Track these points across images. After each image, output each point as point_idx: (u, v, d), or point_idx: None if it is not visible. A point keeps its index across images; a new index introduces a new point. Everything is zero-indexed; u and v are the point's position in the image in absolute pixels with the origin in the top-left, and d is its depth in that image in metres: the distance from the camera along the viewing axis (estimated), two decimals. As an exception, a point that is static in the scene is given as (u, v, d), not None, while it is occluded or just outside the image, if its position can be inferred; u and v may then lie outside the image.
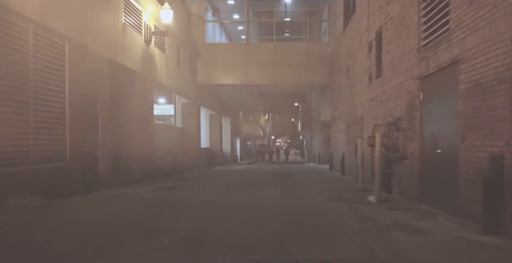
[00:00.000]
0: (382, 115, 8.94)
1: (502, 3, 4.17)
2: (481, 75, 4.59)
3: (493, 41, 4.33)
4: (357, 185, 9.75)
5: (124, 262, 3.25)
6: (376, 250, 3.69)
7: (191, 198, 7.60)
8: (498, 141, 4.24)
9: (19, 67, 6.25)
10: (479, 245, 3.90)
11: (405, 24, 7.37)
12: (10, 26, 6.04)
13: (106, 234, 4.28)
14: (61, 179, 7.21)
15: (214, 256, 3.42)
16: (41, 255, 3.40)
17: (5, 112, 5.95)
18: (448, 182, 5.49)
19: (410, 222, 5.07)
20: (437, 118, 6.08)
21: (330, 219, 5.41)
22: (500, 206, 4.16)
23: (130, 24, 10.54)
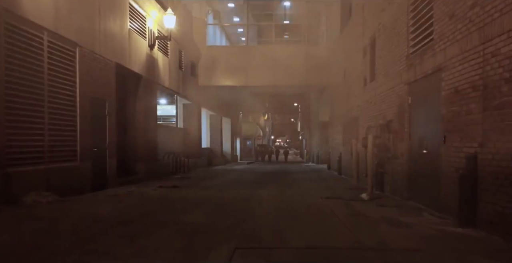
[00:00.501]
0: (376, 117, 9.42)
1: (476, 19, 4.65)
2: (459, 83, 5.06)
3: (468, 53, 4.80)
4: (353, 184, 10.24)
5: (143, 248, 3.71)
6: (361, 239, 4.16)
7: (195, 195, 8.06)
8: (473, 143, 4.71)
9: (36, 73, 6.72)
10: (454, 235, 4.37)
11: (396, 32, 7.84)
12: (27, 36, 6.51)
13: (121, 226, 4.75)
14: (73, 178, 7.69)
15: (219, 242, 3.88)
16: (67, 242, 3.86)
17: (24, 115, 6.41)
18: (433, 180, 5.97)
19: (397, 217, 5.54)
20: (424, 121, 6.55)
21: (323, 214, 5.87)
22: (474, 201, 4.64)
23: (135, 29, 11.01)
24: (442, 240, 4.16)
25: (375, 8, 9.63)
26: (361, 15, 11.16)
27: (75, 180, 7.76)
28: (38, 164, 6.77)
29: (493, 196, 4.30)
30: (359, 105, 11.39)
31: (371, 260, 3.41)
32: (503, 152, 4.10)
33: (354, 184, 10.14)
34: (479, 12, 4.57)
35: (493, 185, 4.30)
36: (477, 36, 4.63)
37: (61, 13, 7.36)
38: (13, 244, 3.83)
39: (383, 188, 8.70)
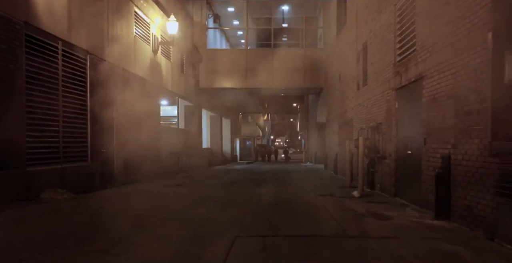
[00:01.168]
0: (368, 120, 9.99)
1: (450, 34, 5.22)
2: (436, 91, 5.64)
3: (444, 64, 5.38)
4: (347, 183, 10.80)
5: (156, 236, 4.28)
6: (346, 229, 4.74)
7: (197, 193, 8.63)
8: (447, 144, 5.30)
9: (52, 80, 7.29)
10: (429, 227, 4.95)
11: (385, 41, 8.42)
12: (44, 45, 7.08)
13: (134, 219, 5.33)
14: (84, 177, 8.26)
15: (222, 232, 4.46)
16: (89, 232, 4.43)
17: (41, 119, 6.99)
18: (416, 179, 6.55)
19: (382, 212, 6.12)
20: (408, 124, 7.13)
21: (316, 209, 6.44)
22: (448, 197, 5.22)
23: (139, 35, 11.58)
24: (417, 230, 4.74)
25: (367, 16, 10.21)
26: (355, 22, 11.73)
27: (86, 178, 8.34)
28: (54, 163, 7.35)
29: (462, 191, 4.89)
30: (353, 108, 11.96)
31: (349, 245, 3.98)
32: (470, 153, 4.68)
33: (348, 182, 10.70)
34: (452, 29, 5.15)
35: (463, 182, 4.88)
36: (450, 50, 5.21)
37: (73, 24, 7.93)
38: (44, 233, 4.41)
39: (374, 186, 9.27)
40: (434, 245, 3.96)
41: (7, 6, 6.08)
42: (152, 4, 12.20)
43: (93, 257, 3.50)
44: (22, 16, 6.42)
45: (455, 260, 3.48)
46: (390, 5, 7.98)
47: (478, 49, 4.50)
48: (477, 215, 4.53)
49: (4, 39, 6.00)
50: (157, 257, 3.51)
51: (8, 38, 6.10)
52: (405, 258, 3.51)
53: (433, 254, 3.66)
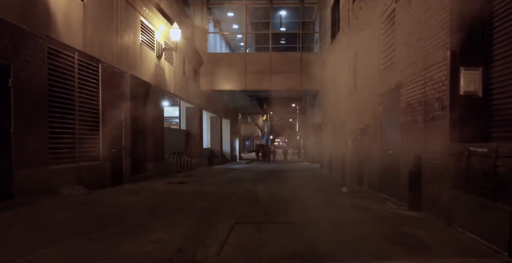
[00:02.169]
0: (357, 122, 10.79)
1: (421, 50, 6.02)
2: (410, 98, 6.45)
3: (416, 75, 6.18)
4: (338, 180, 11.61)
5: (167, 223, 5.08)
6: (329, 218, 5.55)
7: (200, 189, 9.42)
8: (418, 145, 6.10)
9: (69, 87, 8.10)
10: (401, 216, 5.76)
11: (371, 51, 9.22)
12: (64, 56, 7.88)
13: (146, 210, 6.12)
14: (97, 174, 9.07)
15: (223, 220, 5.25)
16: (110, 220, 5.22)
17: (61, 122, 7.79)
18: (396, 176, 7.34)
19: (364, 205, 6.92)
20: (390, 126, 7.93)
21: (306, 203, 7.23)
22: (419, 191, 6.02)
23: (145, 43, 12.38)
24: (389, 218, 5.55)
25: (356, 26, 11.01)
26: (346, 31, 12.54)
27: (98, 176, 9.14)
28: (71, 162, 8.15)
29: (430, 186, 5.69)
30: (345, 111, 12.76)
31: (329, 229, 4.78)
32: (435, 152, 5.48)
33: (340, 180, 11.50)
34: (423, 45, 5.95)
35: (430, 178, 5.68)
36: (421, 63, 6.01)
37: (88, 35, 8.73)
38: (73, 220, 5.20)
39: (363, 184, 10.07)
40: (399, 229, 4.76)
41: (32, 23, 6.88)
42: (156, 13, 13.00)
43: (119, 237, 4.29)
44: (45, 31, 7.22)
45: (411, 238, 4.28)
46: (375, 18, 8.78)
47: (441, 64, 5.30)
48: (439, 206, 5.33)
49: (30, 52, 6.79)
50: (171, 237, 4.30)
51: (34, 51, 6.89)
52: (372, 237, 4.30)
53: (395, 234, 4.46)
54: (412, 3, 6.38)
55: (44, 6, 7.23)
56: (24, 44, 6.62)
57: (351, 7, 11.86)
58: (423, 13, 5.89)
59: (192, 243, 4.09)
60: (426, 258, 3.53)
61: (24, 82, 6.63)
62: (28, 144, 6.73)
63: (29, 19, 6.79)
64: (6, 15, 6.22)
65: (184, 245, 3.97)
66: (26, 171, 6.64)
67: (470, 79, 4.92)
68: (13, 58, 6.36)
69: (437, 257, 3.56)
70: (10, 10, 6.32)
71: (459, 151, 4.75)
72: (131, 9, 11.22)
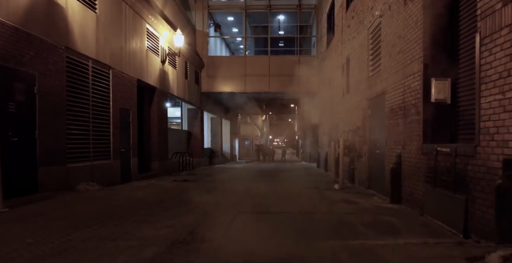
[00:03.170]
0: (350, 123, 11.56)
1: (400, 61, 6.79)
2: (393, 104, 7.22)
3: (397, 84, 6.95)
4: (333, 178, 12.37)
5: (177, 213, 5.83)
6: (319, 209, 6.32)
7: (203, 186, 10.18)
8: (399, 145, 6.87)
9: (84, 92, 8.86)
10: (383, 208, 6.52)
11: (361, 58, 9.99)
12: (79, 64, 8.64)
13: (156, 203, 6.88)
14: (108, 172, 9.83)
15: (226, 211, 6.01)
16: (126, 211, 5.98)
17: (77, 124, 8.55)
18: (381, 173, 8.11)
19: (353, 199, 7.68)
20: (377, 128, 8.69)
21: (300, 198, 8.00)
22: (399, 186, 6.80)
23: (150, 49, 13.14)
24: (372, 210, 6.32)
25: (349, 34, 11.78)
26: (340, 37, 13.31)
27: (109, 174, 9.90)
28: (85, 161, 8.91)
29: (408, 181, 6.46)
30: (339, 113, 13.54)
31: (317, 217, 5.55)
32: (412, 152, 6.25)
33: (334, 178, 12.26)
34: (402, 57, 6.72)
35: (408, 174, 6.45)
36: (401, 73, 6.78)
37: (100, 44, 9.49)
38: (94, 211, 5.96)
39: (354, 181, 10.84)
40: (378, 218, 5.53)
41: (54, 35, 7.64)
42: (161, 20, 13.75)
43: (138, 224, 5.06)
44: (64, 42, 7.98)
45: (386, 225, 5.04)
46: (365, 29, 9.55)
47: (416, 75, 6.07)
48: (415, 198, 6.10)
49: (52, 62, 7.55)
50: (183, 224, 5.05)
51: (55, 60, 7.65)
52: (353, 224, 5.07)
53: (374, 222, 5.22)
54: (394, 19, 7.15)
55: (63, 20, 7.99)
56: (47, 55, 7.38)
57: (344, 16, 12.64)
58: (403, 29, 6.67)
59: (201, 228, 4.85)
60: (394, 239, 4.29)
61: (47, 89, 7.38)
62: (50, 144, 7.49)
63: (51, 32, 7.55)
64: (33, 30, 6.98)
65: (195, 229, 4.74)
66: (48, 168, 7.41)
67: (440, 88, 5.68)
68: (38, 68, 7.12)
69: (403, 238, 4.32)
70: (36, 26, 7.08)
71: (430, 150, 5.52)
72: (138, 17, 11.98)
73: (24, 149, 6.80)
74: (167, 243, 4.05)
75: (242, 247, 3.93)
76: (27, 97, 6.87)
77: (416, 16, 6.08)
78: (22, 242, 4.00)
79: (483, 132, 4.09)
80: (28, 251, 3.68)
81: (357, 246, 3.95)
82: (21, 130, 6.74)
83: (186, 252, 3.76)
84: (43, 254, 3.60)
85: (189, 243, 4.10)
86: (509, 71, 3.64)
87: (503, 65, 3.73)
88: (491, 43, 3.94)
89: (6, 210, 5.48)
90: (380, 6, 8.03)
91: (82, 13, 8.73)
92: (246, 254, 3.67)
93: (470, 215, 4.33)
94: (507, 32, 3.68)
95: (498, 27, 3.83)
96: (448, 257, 3.49)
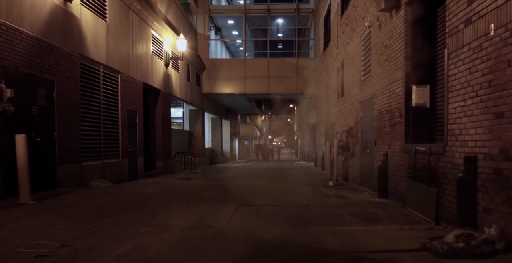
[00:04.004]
0: (344, 124, 12.25)
1: (387, 68, 7.48)
2: (381, 107, 7.91)
3: (384, 89, 7.64)
4: (328, 176, 13.05)
5: (185, 206, 6.51)
6: (312, 203, 7.00)
7: (206, 183, 10.86)
8: (385, 145, 7.56)
9: (96, 95, 9.54)
10: (370, 201, 7.21)
11: (354, 64, 10.68)
12: (92, 70, 9.33)
13: (165, 198, 7.56)
14: (117, 170, 10.51)
15: (228, 204, 6.69)
16: (139, 204, 6.66)
17: (90, 126, 9.22)
18: (371, 171, 8.79)
19: (344, 194, 8.37)
20: (368, 129, 9.38)
21: (296, 193, 8.68)
22: (385, 182, 7.48)
23: (155, 53, 13.82)
24: (360, 203, 7.00)
25: (343, 40, 12.47)
26: (336, 42, 14.00)
27: (118, 172, 10.58)
28: (97, 159, 9.60)
29: (392, 177, 7.15)
30: (335, 114, 14.22)
31: (310, 208, 6.24)
32: (396, 151, 6.94)
33: (329, 176, 12.95)
34: (388, 65, 7.41)
35: (393, 171, 7.14)
36: (387, 79, 7.47)
37: (110, 51, 10.17)
38: (111, 203, 6.63)
39: (348, 178, 11.53)
40: (364, 209, 6.22)
41: (70, 44, 8.32)
42: (165, 26, 14.43)
43: (153, 214, 5.74)
44: (78, 50, 8.66)
45: (370, 215, 5.73)
46: (357, 36, 10.24)
47: (399, 81, 6.75)
48: (399, 193, 6.79)
49: (68, 68, 8.23)
50: (191, 214, 5.73)
51: (71, 67, 8.33)
52: (341, 214, 5.76)
53: (360, 212, 5.91)
54: (381, 30, 7.84)
55: (78, 29, 8.67)
56: (64, 62, 8.06)
57: (339, 22, 13.33)
58: (388, 39, 7.36)
59: (208, 217, 5.53)
60: (374, 226, 4.97)
61: (64, 94, 8.06)
62: (67, 144, 8.17)
63: (68, 41, 8.23)
64: (52, 40, 7.66)
65: (202, 218, 5.42)
66: (65, 166, 8.09)
67: (420, 94, 6.36)
68: (56, 74, 7.80)
69: (383, 225, 5.01)
70: (54, 36, 7.76)
71: (410, 149, 6.21)
72: (144, 24, 12.66)
73: (45, 148, 7.48)
74: (179, 228, 4.73)
75: (244, 231, 4.62)
76: (47, 101, 7.54)
77: (399, 29, 6.77)
78: (56, 227, 4.68)
79: (450, 133, 4.78)
80: (63, 234, 4.36)
81: (341, 230, 4.63)
82: (42, 131, 7.42)
83: (197, 234, 4.45)
84: (76, 236, 4.28)
85: (198, 228, 4.79)
86: (469, 82, 4.32)
87: (464, 77, 4.42)
88: (456, 58, 4.63)
89: (33, 203, 6.16)
90: (370, 17, 8.72)
91: (94, 22, 9.40)
92: (247, 235, 4.35)
93: (440, 205, 5.02)
94: (467, 50, 4.37)
95: (461, 44, 4.52)
96: (415, 237, 4.17)
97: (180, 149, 17.88)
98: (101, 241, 4.14)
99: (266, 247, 3.90)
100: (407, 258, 3.46)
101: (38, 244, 3.89)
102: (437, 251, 3.50)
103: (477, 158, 4.12)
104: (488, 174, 3.92)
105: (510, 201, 3.57)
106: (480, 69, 4.08)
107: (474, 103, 4.19)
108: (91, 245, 3.96)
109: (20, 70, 6.75)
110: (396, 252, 3.63)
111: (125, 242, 4.07)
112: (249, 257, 3.57)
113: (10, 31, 6.49)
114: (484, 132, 4.00)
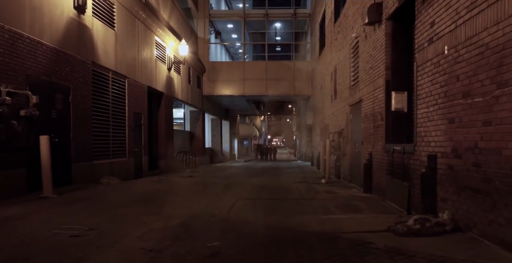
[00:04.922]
0: (337, 126, 13.04)
1: (371, 75, 8.27)
2: (367, 111, 8.70)
3: (370, 94, 8.43)
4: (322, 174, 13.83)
5: (190, 199, 7.29)
6: (304, 197, 7.80)
7: (207, 181, 11.64)
8: (370, 145, 8.35)
9: (105, 99, 10.32)
10: (356, 196, 8.00)
11: (345, 69, 11.47)
12: (102, 76, 10.11)
13: (170, 193, 8.35)
14: (124, 168, 11.29)
15: (228, 198, 7.47)
16: (149, 198, 7.44)
17: (100, 127, 10.01)
18: (359, 169, 9.58)
19: (334, 190, 9.16)
20: (357, 131, 10.17)
21: (290, 189, 9.46)
22: (370, 178, 8.28)
23: (158, 58, 14.61)
24: (347, 197, 7.79)
25: (336, 47, 13.26)
26: (330, 47, 14.79)
27: (125, 170, 11.36)
28: (107, 158, 10.38)
29: (376, 174, 7.94)
30: (329, 116, 15.01)
31: (301, 202, 7.03)
32: (378, 150, 7.73)
33: (323, 174, 13.73)
34: (373, 73, 8.20)
35: (376, 168, 7.93)
36: (371, 86, 8.26)
37: (118, 57, 10.96)
38: (123, 198, 7.41)
39: (340, 176, 12.32)
40: (348, 202, 7.02)
41: (83, 52, 9.10)
42: (167, 32, 15.21)
43: (160, 207, 6.52)
44: (90, 57, 9.45)
45: (354, 206, 6.52)
46: (348, 44, 11.02)
47: (381, 88, 7.54)
48: (381, 188, 7.58)
49: (81, 75, 9.01)
50: (195, 206, 6.52)
51: (84, 74, 9.12)
52: (328, 206, 6.55)
53: (344, 205, 6.70)
54: (367, 40, 8.63)
55: (90, 39, 9.45)
56: (78, 70, 8.84)
57: (333, 29, 14.12)
58: (373, 49, 8.15)
59: (210, 208, 6.32)
60: (354, 215, 5.76)
61: (78, 98, 8.85)
62: (80, 144, 8.95)
63: (81, 50, 9.02)
64: (68, 49, 8.45)
65: (205, 209, 6.21)
66: (79, 164, 8.87)
67: (398, 99, 7.14)
68: (71, 81, 8.58)
69: (362, 215, 5.80)
70: (70, 46, 8.54)
71: (389, 149, 7.00)
72: (148, 31, 13.44)
73: (62, 148, 8.27)
74: (186, 217, 5.52)
75: (242, 218, 5.41)
76: (64, 106, 8.33)
77: (381, 41, 7.56)
78: (80, 215, 5.47)
79: (418, 135, 5.57)
80: (88, 220, 5.15)
81: (325, 218, 5.43)
82: (60, 132, 8.20)
83: (202, 221, 5.24)
84: (99, 222, 5.06)
85: (202, 216, 5.58)
86: (431, 92, 5.11)
87: (428, 88, 5.21)
88: (422, 71, 5.42)
89: (55, 196, 6.94)
90: (357, 28, 9.51)
91: (104, 31, 10.18)
92: (245, 222, 5.14)
93: (411, 197, 5.81)
94: (430, 65, 5.16)
95: (425, 59, 5.31)
96: (385, 223, 4.95)
97: (182, 149, 18.66)
98: (121, 226, 4.93)
99: (261, 230, 4.69)
100: (373, 236, 4.25)
101: (70, 227, 4.68)
102: (398, 232, 4.29)
103: (437, 156, 4.91)
104: (444, 169, 4.72)
105: (459, 191, 4.36)
106: (438, 82, 4.87)
107: (434, 110, 4.99)
108: (113, 229, 4.74)
109: (41, 78, 7.54)
110: (366, 233, 4.42)
111: (141, 227, 4.85)
112: (246, 238, 4.36)
113: (33, 43, 7.27)
114: (441, 134, 4.79)
